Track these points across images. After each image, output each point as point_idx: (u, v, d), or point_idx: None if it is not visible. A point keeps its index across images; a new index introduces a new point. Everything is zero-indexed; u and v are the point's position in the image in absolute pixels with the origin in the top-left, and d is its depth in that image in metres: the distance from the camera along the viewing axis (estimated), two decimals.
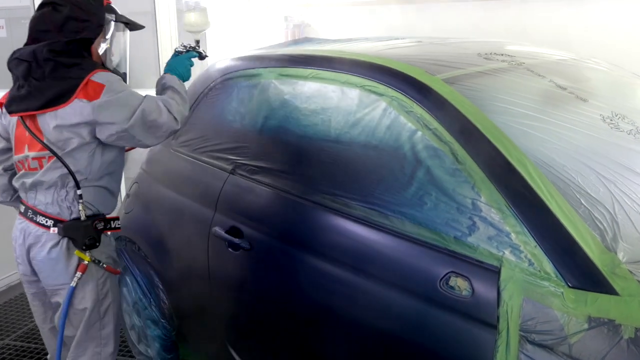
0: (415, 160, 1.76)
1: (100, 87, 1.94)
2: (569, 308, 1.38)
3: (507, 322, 1.45)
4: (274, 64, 2.33)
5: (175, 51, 2.29)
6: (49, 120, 1.97)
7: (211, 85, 2.63)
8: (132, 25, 2.24)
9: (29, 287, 2.20)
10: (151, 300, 2.70)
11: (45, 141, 1.97)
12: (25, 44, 2.05)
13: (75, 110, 1.94)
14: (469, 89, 1.85)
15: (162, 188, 2.70)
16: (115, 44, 2.16)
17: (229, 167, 2.35)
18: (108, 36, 2.11)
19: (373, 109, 1.91)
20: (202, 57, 2.37)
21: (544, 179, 1.56)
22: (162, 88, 2.17)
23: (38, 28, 2.02)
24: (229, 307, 2.31)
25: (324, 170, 2.00)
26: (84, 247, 2.02)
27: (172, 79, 2.17)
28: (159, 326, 2.69)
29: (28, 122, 2.00)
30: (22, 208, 2.11)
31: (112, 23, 2.12)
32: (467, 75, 1.95)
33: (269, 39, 4.50)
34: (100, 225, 2.06)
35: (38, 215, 2.04)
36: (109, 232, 2.13)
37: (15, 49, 2.07)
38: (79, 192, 2.00)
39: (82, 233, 2.01)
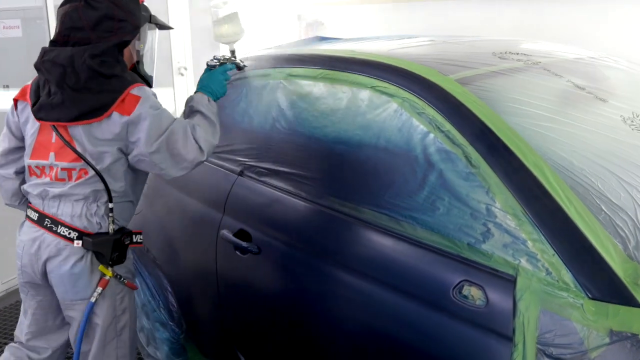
0: (427, 164, 1.70)
1: (136, 100, 1.84)
2: (589, 320, 1.32)
3: (523, 334, 1.38)
4: (283, 63, 2.28)
5: (208, 65, 2.13)
6: (83, 133, 1.87)
7: None
8: (162, 26, 2.14)
9: (35, 294, 2.08)
10: (160, 302, 2.67)
11: (84, 154, 1.87)
12: (52, 41, 1.93)
13: (110, 125, 1.85)
14: (483, 90, 1.79)
15: (171, 189, 2.66)
16: (148, 46, 2.07)
17: (238, 169, 2.30)
18: (144, 38, 2.01)
19: (384, 110, 1.85)
20: (239, 67, 2.23)
21: (562, 184, 1.49)
22: (189, 111, 2.03)
23: (70, 25, 1.88)
24: (236, 311, 2.27)
25: (333, 172, 1.95)
26: (110, 262, 1.94)
27: (202, 100, 2.02)
28: (167, 329, 2.66)
29: (62, 132, 1.88)
30: (35, 216, 1.97)
31: (146, 24, 2.02)
32: (481, 75, 1.89)
33: (282, 37, 4.46)
34: (128, 240, 1.99)
35: (60, 226, 1.92)
36: (137, 247, 2.08)
37: (38, 47, 1.93)
38: (110, 205, 1.92)
39: (110, 248, 1.93)
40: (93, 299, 1.94)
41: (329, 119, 2.01)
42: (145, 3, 2.03)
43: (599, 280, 1.36)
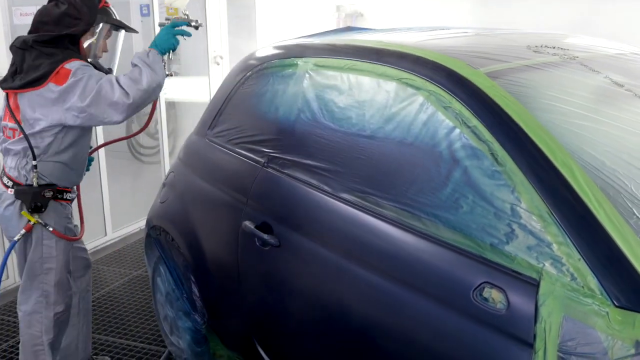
0: (452, 160, 1.64)
1: (67, 73, 2.24)
2: (614, 330, 1.25)
3: (544, 341, 1.32)
4: (311, 53, 2.24)
5: (159, 25, 2.52)
6: (26, 100, 2.30)
7: (248, 74, 2.56)
8: (126, 28, 2.54)
9: None
10: (183, 291, 2.67)
11: (20, 117, 2.31)
12: (28, 32, 2.39)
13: (47, 93, 2.25)
14: (514, 84, 1.72)
15: (196, 179, 2.65)
16: (102, 41, 2.45)
17: (262, 160, 2.28)
18: (95, 34, 2.41)
19: (409, 103, 1.79)
20: (195, 26, 2.50)
21: (591, 185, 1.42)
22: (131, 65, 2.37)
23: (39, 19, 2.37)
24: (256, 303, 2.25)
25: (356, 166, 1.90)
26: (30, 210, 2.33)
27: (141, 54, 2.37)
28: (190, 318, 2.66)
29: (11, 98, 2.36)
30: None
31: (102, 24, 2.42)
32: (513, 69, 1.82)
33: (320, 28, 4.43)
34: (49, 194, 2.37)
35: (4, 177, 2.42)
36: (64, 203, 2.46)
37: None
38: (34, 162, 2.31)
39: (30, 197, 2.33)
40: (16, 238, 2.38)
41: (354, 111, 1.97)
42: (111, 7, 2.49)
43: (626, 287, 1.28)
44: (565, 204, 1.41)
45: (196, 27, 2.51)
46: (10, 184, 2.38)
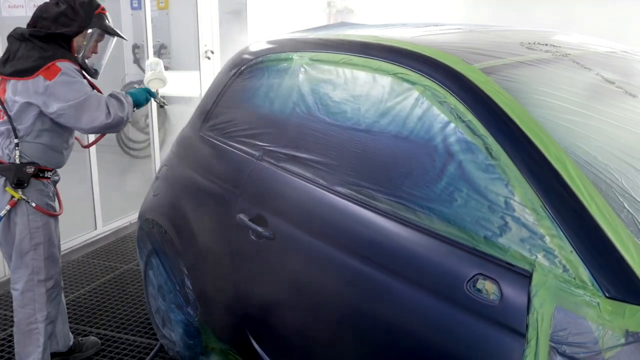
0: (447, 154, 1.67)
1: (58, 70, 2.43)
2: (604, 320, 1.28)
3: (536, 331, 1.35)
4: (306, 48, 2.25)
5: (143, 82, 2.84)
6: (13, 87, 2.48)
7: (242, 68, 2.57)
8: (118, 35, 2.71)
9: None
10: (176, 284, 2.68)
11: (4, 100, 2.50)
12: (27, 25, 2.57)
13: (35, 84, 2.43)
14: (508, 80, 1.74)
15: (189, 172, 2.66)
16: (92, 44, 2.62)
17: (257, 153, 2.29)
18: (86, 37, 2.59)
19: (405, 98, 1.81)
20: (160, 105, 2.91)
21: (584, 179, 1.44)
22: (110, 95, 2.60)
23: (39, 14, 2.55)
24: (249, 296, 2.27)
25: (351, 160, 1.92)
26: (13, 185, 2.50)
27: (117, 92, 2.62)
28: (182, 311, 2.67)
29: (2, 83, 2.54)
30: None
31: (96, 29, 2.60)
32: (506, 65, 1.84)
33: (311, 24, 4.45)
34: (30, 170, 2.52)
35: None
36: (45, 181, 2.61)
37: None
38: (15, 141, 2.49)
39: (12, 173, 2.50)
40: (1, 213, 2.53)
41: (349, 106, 1.98)
42: (107, 14, 2.66)
43: (617, 279, 1.31)
44: (559, 197, 1.43)
45: (160, 105, 2.92)
46: None
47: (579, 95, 1.81)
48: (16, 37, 2.52)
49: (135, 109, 2.73)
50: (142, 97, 2.77)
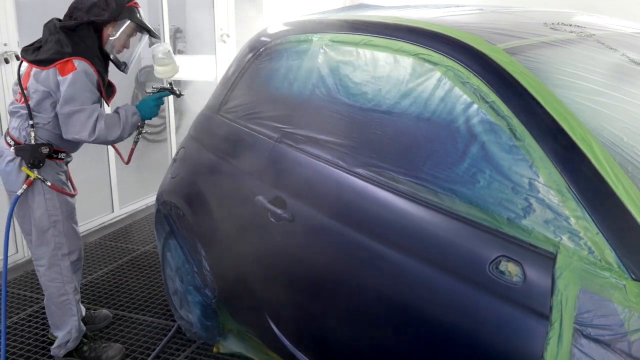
0: (470, 135, 1.65)
1: (73, 68, 2.49)
2: (631, 302, 1.26)
3: (560, 313, 1.34)
4: (326, 29, 2.23)
5: (147, 92, 2.77)
6: (36, 75, 2.56)
7: (261, 50, 2.55)
8: (150, 32, 2.75)
9: None
10: (194, 266, 2.69)
11: (26, 87, 2.58)
12: (64, 16, 2.65)
13: (50, 75, 2.52)
14: (532, 61, 1.72)
15: (208, 154, 2.66)
16: (123, 38, 2.67)
17: (276, 136, 2.28)
18: (116, 27, 2.64)
19: (427, 79, 1.79)
20: (177, 95, 2.80)
21: (610, 160, 1.42)
22: (115, 110, 2.66)
23: (75, 5, 2.63)
24: (267, 278, 2.27)
25: (372, 141, 1.91)
26: (29, 165, 2.56)
27: (129, 108, 2.65)
28: (200, 293, 2.68)
29: (25, 68, 2.63)
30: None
31: (126, 21, 2.64)
32: (530, 45, 1.81)
33: (327, 7, 4.41)
34: (45, 150, 2.58)
35: (7, 136, 2.66)
36: (59, 162, 2.68)
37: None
38: (31, 122, 2.55)
39: (28, 154, 2.56)
40: (19, 192, 2.59)
41: (369, 87, 1.97)
42: (139, 8, 2.69)
43: None
44: (584, 178, 1.42)
45: (178, 95, 2.82)
46: (12, 142, 2.62)
47: (604, 75, 1.78)
48: (50, 27, 2.61)
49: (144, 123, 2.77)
50: (150, 109, 2.73)
